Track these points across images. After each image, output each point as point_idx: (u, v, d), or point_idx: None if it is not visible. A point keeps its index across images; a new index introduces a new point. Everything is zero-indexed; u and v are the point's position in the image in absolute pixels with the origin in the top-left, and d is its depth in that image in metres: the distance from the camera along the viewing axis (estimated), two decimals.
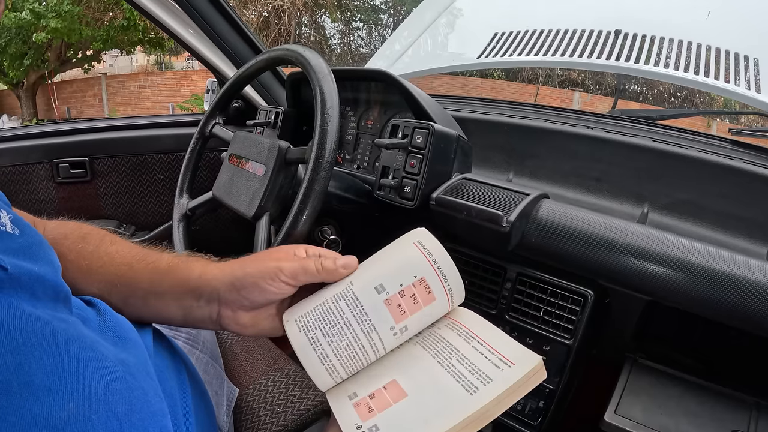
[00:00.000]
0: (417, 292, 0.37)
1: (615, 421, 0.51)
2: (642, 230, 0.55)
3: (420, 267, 0.38)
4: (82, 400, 0.26)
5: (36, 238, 0.34)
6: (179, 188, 0.79)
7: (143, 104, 8.81)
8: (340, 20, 9.79)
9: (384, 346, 0.37)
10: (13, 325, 0.25)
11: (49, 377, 0.26)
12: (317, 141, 0.55)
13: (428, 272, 0.37)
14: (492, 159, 0.88)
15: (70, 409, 0.25)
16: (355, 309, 0.36)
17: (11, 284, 0.27)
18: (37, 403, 0.24)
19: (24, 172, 1.03)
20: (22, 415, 0.24)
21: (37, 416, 0.24)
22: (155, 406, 0.33)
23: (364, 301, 0.36)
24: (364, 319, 0.36)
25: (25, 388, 0.24)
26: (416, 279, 0.37)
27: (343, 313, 0.36)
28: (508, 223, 0.56)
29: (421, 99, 0.71)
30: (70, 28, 7.05)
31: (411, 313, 0.37)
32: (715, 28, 0.92)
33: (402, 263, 0.38)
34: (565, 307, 0.60)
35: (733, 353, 0.57)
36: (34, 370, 0.25)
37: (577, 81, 9.40)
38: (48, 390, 0.25)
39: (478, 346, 0.36)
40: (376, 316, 0.36)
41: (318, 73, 0.59)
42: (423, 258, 0.38)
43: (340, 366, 0.36)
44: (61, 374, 0.26)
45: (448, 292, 0.38)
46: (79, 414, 0.26)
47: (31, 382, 0.25)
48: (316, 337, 0.36)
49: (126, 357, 0.33)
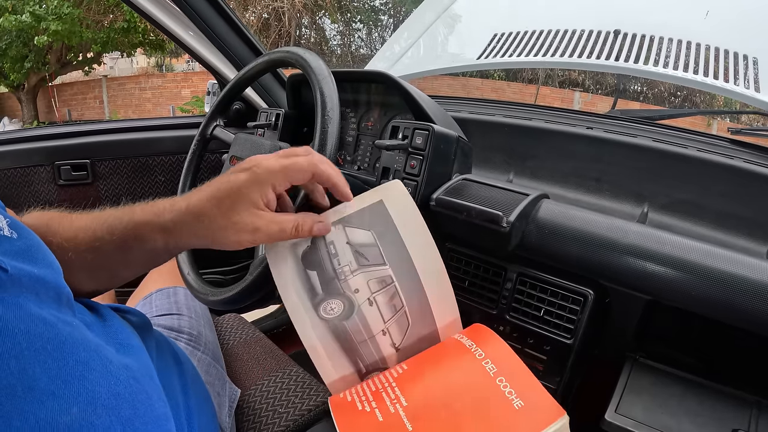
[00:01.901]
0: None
1: (616, 421, 0.51)
2: (642, 230, 0.55)
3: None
4: (85, 404, 0.26)
5: (34, 241, 0.34)
6: (180, 190, 0.79)
7: (144, 106, 8.82)
8: (340, 22, 9.81)
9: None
10: (18, 328, 0.25)
11: (53, 381, 0.26)
12: (317, 142, 0.56)
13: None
14: (492, 160, 0.89)
15: (74, 413, 0.26)
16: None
17: (13, 285, 0.27)
18: (41, 408, 0.24)
19: (25, 174, 1.03)
20: (26, 420, 0.24)
21: (41, 420, 0.24)
22: (159, 410, 0.33)
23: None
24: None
25: (29, 392, 0.24)
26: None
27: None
28: (508, 223, 0.57)
29: (420, 100, 0.71)
30: (70, 30, 7.07)
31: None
32: (714, 27, 0.92)
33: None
34: (565, 307, 0.60)
35: (733, 352, 0.57)
36: (39, 374, 0.25)
37: (577, 81, 9.40)
38: (52, 394, 0.25)
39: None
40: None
41: (318, 75, 0.59)
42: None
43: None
44: (65, 378, 0.26)
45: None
46: (82, 419, 0.26)
47: (35, 386, 0.25)
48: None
49: (129, 361, 0.33)
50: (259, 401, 0.68)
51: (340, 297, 0.44)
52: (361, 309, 0.44)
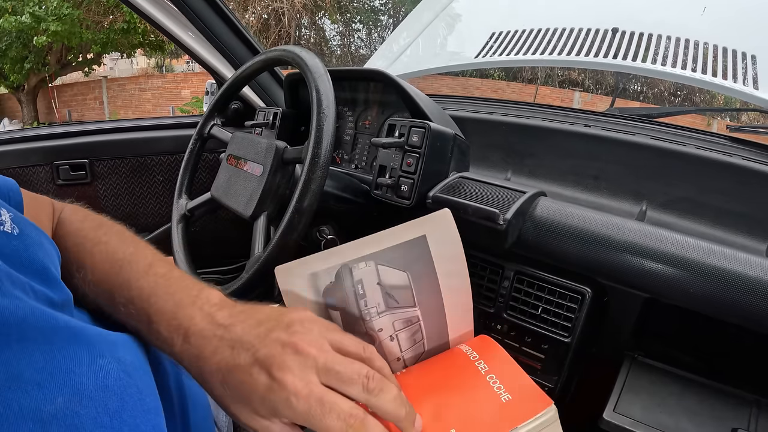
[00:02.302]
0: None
1: (614, 419, 0.51)
2: (639, 227, 0.55)
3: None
4: (71, 395, 0.26)
5: (34, 240, 0.34)
6: (178, 189, 0.79)
7: (144, 107, 8.83)
8: (339, 22, 9.81)
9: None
10: (8, 320, 0.26)
11: (39, 373, 0.26)
12: (313, 140, 0.55)
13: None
14: (490, 158, 0.88)
15: (59, 403, 0.26)
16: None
17: (7, 279, 0.27)
18: (25, 396, 0.25)
19: (24, 174, 1.03)
20: (9, 407, 0.24)
21: (24, 409, 0.24)
22: (149, 404, 0.33)
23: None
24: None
25: (15, 381, 0.25)
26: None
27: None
28: (504, 221, 0.56)
29: (417, 98, 0.71)
30: (70, 31, 7.08)
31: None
32: (713, 24, 0.92)
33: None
34: (563, 305, 0.60)
35: (732, 350, 0.57)
36: (24, 366, 0.25)
37: (577, 81, 9.40)
38: (38, 385, 0.25)
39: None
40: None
41: (314, 74, 0.59)
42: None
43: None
44: (51, 371, 0.26)
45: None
46: (67, 408, 0.26)
47: (20, 376, 0.25)
48: None
49: (122, 355, 0.33)
50: None
51: (361, 335, 0.40)
52: (381, 344, 0.41)
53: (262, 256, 0.57)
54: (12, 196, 0.41)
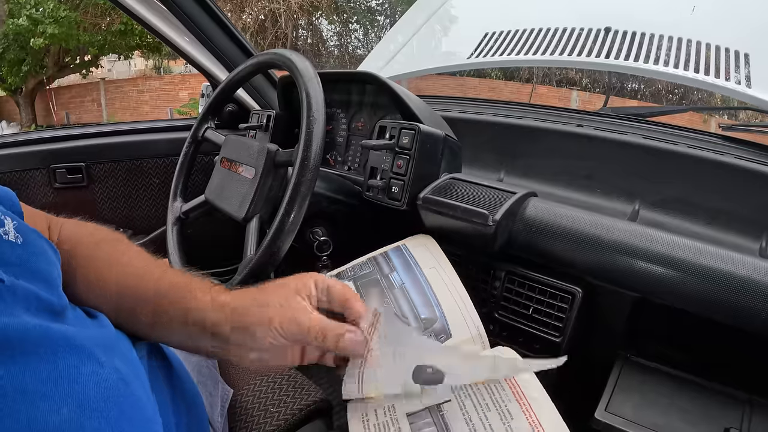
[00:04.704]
0: None
1: (606, 419, 0.51)
2: (629, 227, 0.55)
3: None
4: (75, 406, 0.27)
5: (38, 248, 0.34)
6: (173, 192, 0.79)
7: (142, 109, 8.82)
8: (336, 23, 9.80)
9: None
10: (12, 335, 0.26)
11: (44, 384, 0.27)
12: (303, 143, 0.56)
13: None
14: (483, 158, 0.88)
15: (64, 414, 0.26)
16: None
17: (8, 295, 0.28)
18: (32, 408, 0.25)
19: (21, 178, 1.03)
20: (17, 420, 0.25)
21: (32, 420, 0.25)
22: (147, 413, 0.33)
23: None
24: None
25: (21, 395, 0.25)
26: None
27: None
28: (493, 221, 0.57)
29: (408, 100, 0.71)
30: (67, 33, 7.08)
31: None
32: (705, 23, 0.92)
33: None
34: (554, 305, 0.60)
35: (724, 349, 0.57)
36: (29, 378, 0.26)
37: (575, 80, 9.40)
38: (43, 396, 0.26)
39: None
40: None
41: (304, 77, 0.60)
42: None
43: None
44: (55, 381, 0.27)
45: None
46: (72, 419, 0.27)
47: (26, 389, 0.26)
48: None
49: (120, 365, 0.34)
50: (251, 401, 0.68)
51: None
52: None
53: (253, 258, 0.57)
54: (10, 206, 0.42)
